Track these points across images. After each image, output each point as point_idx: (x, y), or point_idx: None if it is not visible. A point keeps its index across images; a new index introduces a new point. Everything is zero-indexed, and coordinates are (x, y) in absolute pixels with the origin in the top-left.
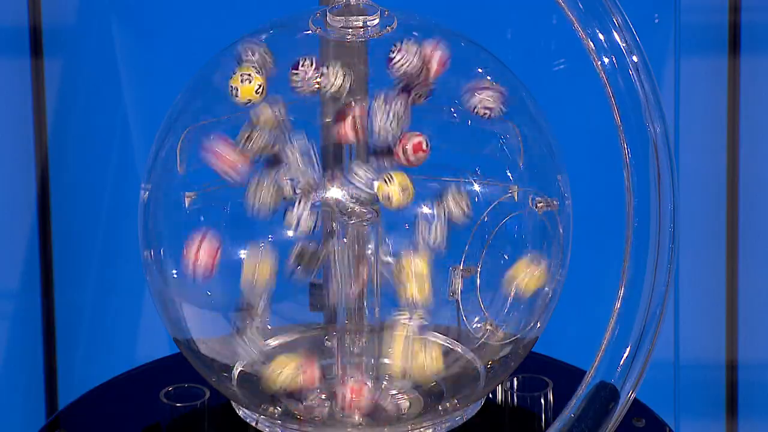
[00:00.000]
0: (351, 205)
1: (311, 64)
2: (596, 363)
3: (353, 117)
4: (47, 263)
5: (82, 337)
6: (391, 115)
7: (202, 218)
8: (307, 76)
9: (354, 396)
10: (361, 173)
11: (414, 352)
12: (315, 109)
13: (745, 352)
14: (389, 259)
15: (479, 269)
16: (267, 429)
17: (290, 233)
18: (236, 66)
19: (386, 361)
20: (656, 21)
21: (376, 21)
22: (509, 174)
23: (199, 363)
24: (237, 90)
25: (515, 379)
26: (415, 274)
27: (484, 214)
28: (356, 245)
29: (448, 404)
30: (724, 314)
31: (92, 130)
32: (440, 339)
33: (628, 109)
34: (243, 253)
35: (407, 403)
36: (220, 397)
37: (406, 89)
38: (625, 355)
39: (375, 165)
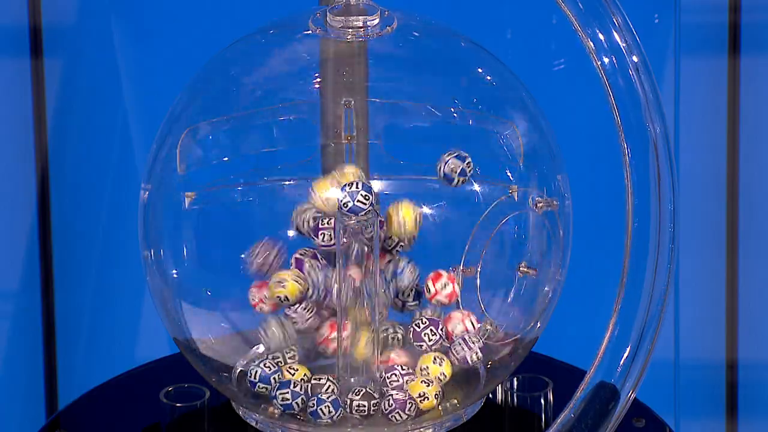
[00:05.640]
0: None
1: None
2: (596, 363)
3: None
4: (47, 263)
5: (82, 337)
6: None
7: (201, 218)
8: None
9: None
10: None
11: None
12: (315, 108)
13: (745, 352)
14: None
15: (479, 269)
16: (267, 429)
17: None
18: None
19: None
20: (656, 21)
21: (376, 21)
22: (509, 174)
23: (199, 363)
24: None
25: (515, 379)
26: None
27: (484, 214)
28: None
29: (448, 404)
30: (724, 314)
31: (92, 130)
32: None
33: (628, 109)
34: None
35: (408, 406)
36: (220, 397)
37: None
38: (625, 355)
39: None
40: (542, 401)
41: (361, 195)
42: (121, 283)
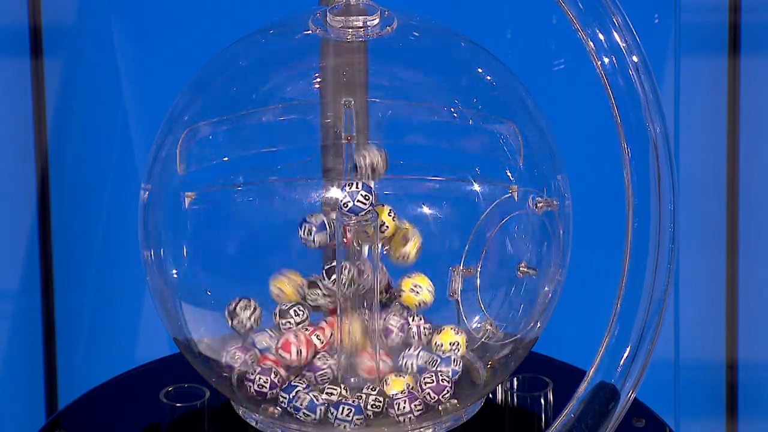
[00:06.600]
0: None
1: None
2: (596, 363)
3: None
4: (47, 263)
5: (82, 337)
6: None
7: (201, 218)
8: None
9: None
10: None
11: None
12: (315, 108)
13: (745, 352)
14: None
15: (479, 269)
16: (267, 429)
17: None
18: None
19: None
20: (656, 21)
21: (376, 21)
22: (509, 174)
23: (199, 363)
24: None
25: (515, 379)
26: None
27: (484, 214)
28: (356, 244)
29: (448, 404)
30: (724, 314)
31: (92, 130)
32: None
33: (628, 109)
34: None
35: (408, 407)
36: (220, 397)
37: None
38: (625, 355)
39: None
40: (542, 401)
41: (361, 195)
42: (121, 283)
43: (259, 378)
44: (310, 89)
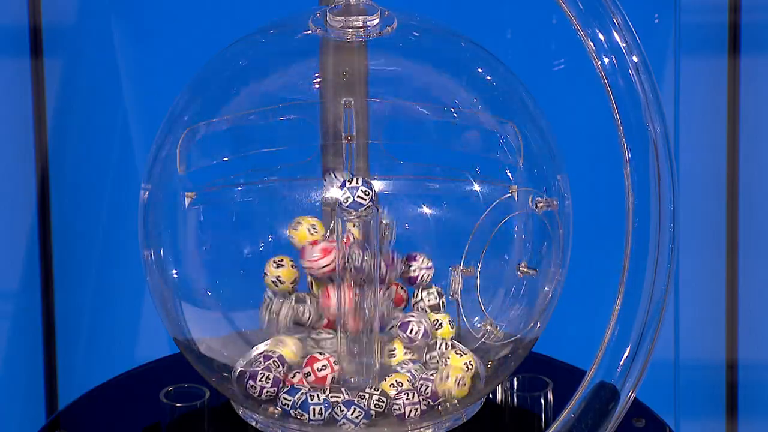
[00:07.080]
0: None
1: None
2: (596, 363)
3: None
4: (47, 263)
5: (82, 337)
6: None
7: (202, 218)
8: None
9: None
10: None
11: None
12: (315, 108)
13: (745, 352)
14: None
15: (479, 269)
16: (267, 429)
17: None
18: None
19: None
20: (656, 21)
21: (376, 21)
22: (509, 174)
23: (199, 363)
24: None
25: (515, 379)
26: None
27: (484, 214)
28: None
29: (448, 404)
30: (724, 314)
31: (92, 130)
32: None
33: (628, 109)
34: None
35: (411, 408)
36: (220, 397)
37: None
38: (625, 355)
39: None
40: (542, 401)
41: (362, 191)
42: (121, 283)
43: (254, 382)
44: (310, 89)
